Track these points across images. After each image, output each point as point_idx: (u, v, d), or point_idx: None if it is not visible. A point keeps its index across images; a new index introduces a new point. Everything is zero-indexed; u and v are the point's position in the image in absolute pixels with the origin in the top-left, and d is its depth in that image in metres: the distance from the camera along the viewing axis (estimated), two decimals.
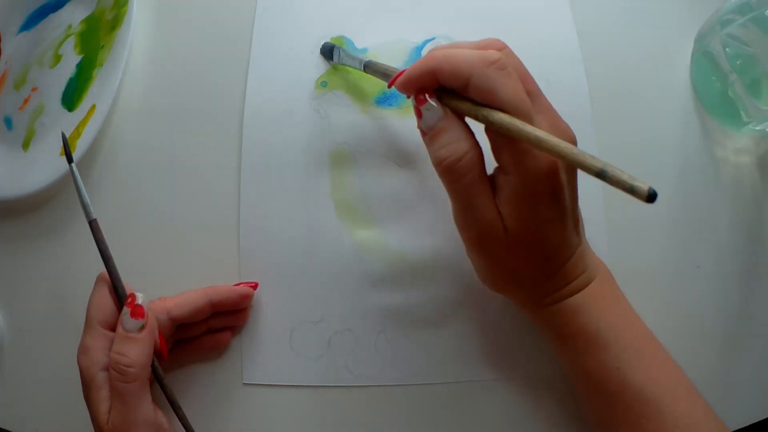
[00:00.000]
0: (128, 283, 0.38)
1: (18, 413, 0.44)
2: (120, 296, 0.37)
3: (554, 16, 0.46)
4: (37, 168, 0.46)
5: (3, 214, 0.47)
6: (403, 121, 0.43)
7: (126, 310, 0.35)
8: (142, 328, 0.35)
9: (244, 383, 0.41)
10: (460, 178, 0.31)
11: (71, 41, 0.49)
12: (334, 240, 0.42)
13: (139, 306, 0.36)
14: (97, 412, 0.34)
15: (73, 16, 0.50)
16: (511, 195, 0.31)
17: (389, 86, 0.35)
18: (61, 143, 0.44)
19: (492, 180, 0.32)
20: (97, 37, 0.48)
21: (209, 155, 0.44)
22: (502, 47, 0.33)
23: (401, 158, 0.43)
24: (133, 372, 0.34)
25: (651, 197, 0.25)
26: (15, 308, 0.45)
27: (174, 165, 0.44)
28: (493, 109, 0.30)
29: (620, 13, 0.47)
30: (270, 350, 0.41)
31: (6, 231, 0.47)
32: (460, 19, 0.46)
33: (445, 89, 0.32)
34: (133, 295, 0.36)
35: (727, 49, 0.41)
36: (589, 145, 0.40)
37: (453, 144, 0.31)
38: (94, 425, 0.35)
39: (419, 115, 0.32)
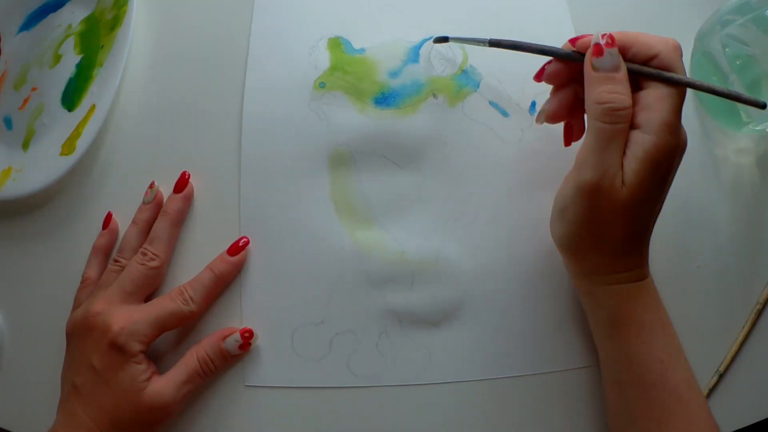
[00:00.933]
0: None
1: (18, 413, 0.44)
2: None
3: (552, 16, 0.46)
4: (37, 168, 0.46)
5: (3, 214, 0.47)
6: (402, 121, 0.43)
7: (237, 336, 0.40)
8: (238, 356, 0.41)
9: (246, 385, 0.41)
10: (615, 122, 0.33)
11: (71, 41, 0.49)
12: (334, 241, 0.42)
13: (249, 344, 0.40)
14: (135, 381, 0.37)
15: (72, 16, 0.50)
16: (641, 153, 0.32)
17: (573, 42, 0.36)
18: (61, 143, 0.44)
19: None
20: (97, 37, 0.48)
21: (209, 156, 0.44)
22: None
23: (401, 158, 0.43)
24: (212, 375, 0.40)
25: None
26: (15, 308, 0.45)
27: (174, 165, 0.44)
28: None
29: (620, 13, 0.47)
30: (272, 352, 0.41)
31: (6, 231, 0.47)
32: (458, 19, 0.46)
33: None
34: (251, 332, 0.40)
35: (726, 50, 0.41)
36: None
37: (621, 95, 0.33)
38: (124, 389, 0.37)
39: (600, 53, 0.33)
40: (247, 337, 0.40)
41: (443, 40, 0.43)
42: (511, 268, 0.41)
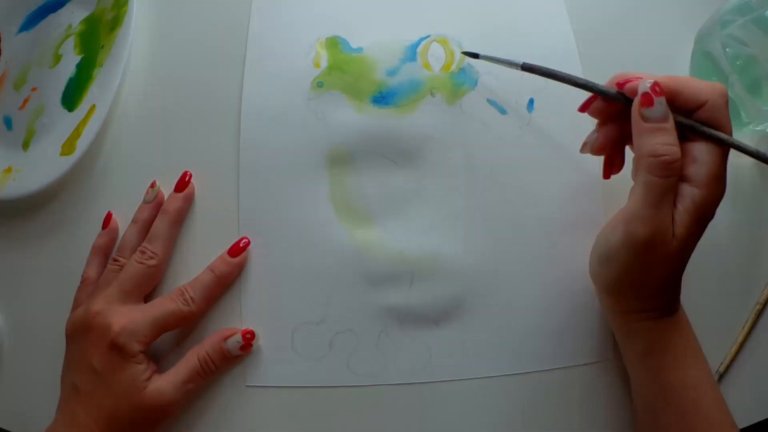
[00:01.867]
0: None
1: (18, 413, 0.44)
2: None
3: (550, 15, 0.46)
4: (37, 168, 0.46)
5: (3, 214, 0.47)
6: (400, 119, 0.43)
7: (239, 337, 0.40)
8: (239, 356, 0.41)
9: (246, 385, 0.41)
10: (668, 176, 0.32)
11: (71, 41, 0.49)
12: (333, 240, 0.42)
13: (251, 345, 0.40)
14: (135, 381, 0.37)
15: (73, 17, 0.50)
16: (691, 207, 0.33)
17: (620, 86, 0.35)
18: (61, 143, 0.44)
19: None
20: (97, 37, 0.48)
21: (208, 156, 0.44)
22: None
23: (399, 157, 0.43)
24: (213, 376, 0.40)
25: None
26: (15, 308, 0.45)
27: (173, 165, 0.44)
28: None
29: (619, 13, 0.47)
30: (272, 352, 0.41)
31: (6, 231, 0.47)
32: (455, 18, 0.46)
33: None
34: (253, 333, 0.41)
35: (727, 50, 0.41)
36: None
37: (673, 146, 0.33)
38: (123, 390, 0.37)
39: (650, 103, 0.33)
40: (249, 338, 0.40)
41: (473, 55, 0.43)
42: (510, 265, 0.41)
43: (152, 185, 0.44)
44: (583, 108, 0.38)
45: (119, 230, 0.44)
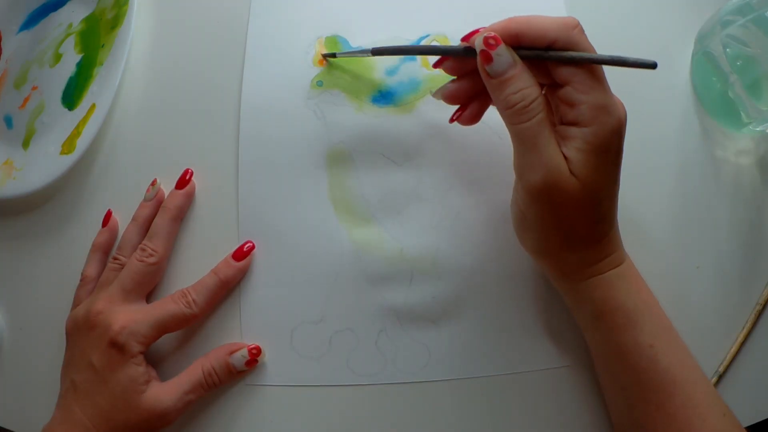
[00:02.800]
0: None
1: (18, 413, 0.44)
2: None
3: (550, 14, 0.46)
4: (37, 167, 0.46)
5: (3, 213, 0.47)
6: (399, 119, 0.43)
7: (245, 352, 0.40)
8: (243, 372, 0.41)
9: (246, 384, 0.41)
10: (530, 118, 0.32)
11: (71, 40, 0.49)
12: (333, 239, 0.42)
13: (257, 361, 0.40)
14: (134, 383, 0.37)
15: (73, 15, 0.50)
16: (583, 145, 0.32)
17: (466, 39, 0.35)
18: (62, 142, 0.44)
19: (557, 133, 0.33)
20: (98, 36, 0.48)
21: (208, 156, 0.44)
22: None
23: (399, 156, 0.43)
24: (215, 389, 0.40)
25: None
26: (15, 308, 0.45)
27: (173, 164, 0.44)
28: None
29: (619, 13, 0.47)
30: (271, 351, 0.41)
31: (6, 231, 0.47)
32: (455, 17, 0.46)
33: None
34: (259, 349, 0.40)
35: (727, 50, 0.41)
36: None
37: (525, 89, 0.32)
38: (121, 390, 0.37)
39: (488, 59, 0.33)
40: (255, 353, 0.40)
41: (331, 56, 0.44)
42: (509, 264, 0.41)
43: (153, 183, 0.44)
44: (437, 64, 0.37)
45: (119, 228, 0.44)
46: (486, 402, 0.40)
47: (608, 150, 0.32)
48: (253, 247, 0.42)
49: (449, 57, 0.36)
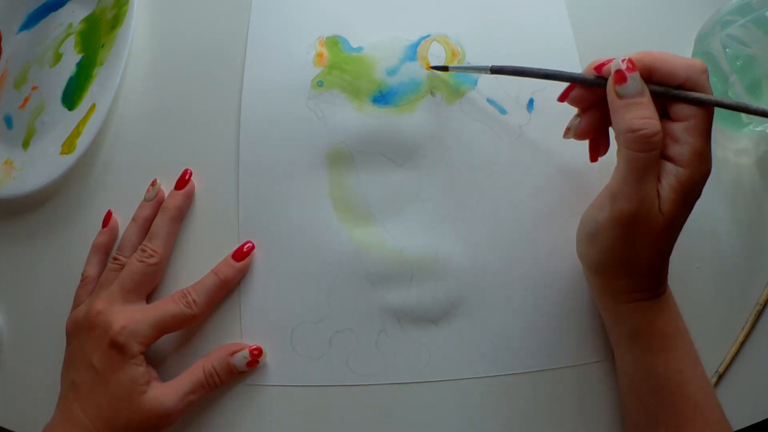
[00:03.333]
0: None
1: (18, 413, 0.43)
2: None
3: (550, 15, 0.46)
4: (37, 167, 0.46)
5: (3, 213, 0.47)
6: (400, 119, 0.43)
7: (246, 353, 0.40)
8: (245, 372, 0.41)
9: (246, 384, 0.41)
10: (649, 150, 0.32)
11: (72, 40, 0.49)
12: (333, 240, 0.42)
13: (258, 362, 0.40)
14: (134, 383, 0.37)
15: (73, 15, 0.50)
16: (676, 184, 0.33)
17: (598, 69, 0.35)
18: (62, 142, 0.44)
19: None
20: (98, 36, 0.48)
21: (208, 155, 0.44)
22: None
23: (399, 156, 0.43)
24: (216, 389, 0.40)
25: None
26: (15, 308, 0.45)
27: (173, 164, 0.44)
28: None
29: (620, 13, 0.47)
30: (271, 351, 0.41)
31: (6, 231, 0.47)
32: (455, 17, 0.46)
33: None
34: (260, 350, 0.40)
35: (727, 50, 0.41)
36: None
37: (651, 119, 0.32)
38: (122, 391, 0.37)
39: (622, 80, 0.33)
40: (256, 354, 0.40)
41: (443, 69, 0.43)
42: (509, 265, 0.41)
43: (153, 183, 0.44)
44: (563, 97, 0.37)
45: (119, 229, 0.44)
46: (486, 402, 0.40)
47: (693, 194, 0.33)
48: (252, 248, 0.42)
49: (576, 85, 0.37)
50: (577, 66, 0.44)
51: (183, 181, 0.43)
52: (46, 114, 0.48)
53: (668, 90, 0.33)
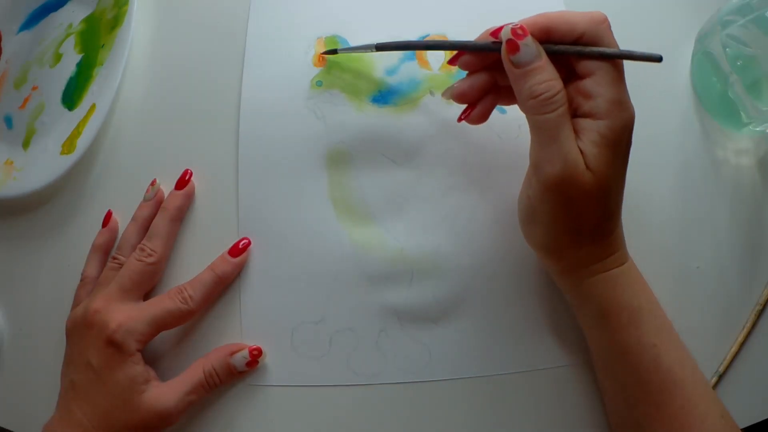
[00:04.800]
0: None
1: (18, 413, 0.43)
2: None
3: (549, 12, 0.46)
4: (37, 167, 0.46)
5: (3, 213, 0.47)
6: (399, 118, 0.43)
7: (246, 353, 0.40)
8: (244, 372, 0.41)
9: (246, 384, 0.41)
10: (554, 110, 0.32)
11: (71, 40, 0.49)
12: (333, 239, 0.42)
13: (257, 362, 0.40)
14: (132, 383, 0.37)
15: (73, 16, 0.50)
16: (597, 138, 0.32)
17: (494, 34, 0.35)
18: (62, 142, 0.44)
19: (573, 126, 0.34)
20: (98, 36, 0.48)
21: (208, 156, 0.44)
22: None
23: (398, 156, 0.43)
24: (216, 389, 0.40)
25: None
26: (15, 308, 0.45)
27: (173, 164, 0.44)
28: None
29: (619, 12, 0.47)
30: (272, 351, 0.41)
31: (6, 231, 0.47)
32: (455, 17, 0.46)
33: None
34: (260, 350, 0.40)
35: (727, 50, 0.41)
36: None
37: (549, 81, 0.32)
38: (120, 390, 0.37)
39: (515, 49, 0.33)
40: (256, 354, 0.40)
41: (332, 52, 0.43)
42: (509, 264, 0.41)
43: (152, 183, 0.44)
44: (452, 61, 0.37)
45: (119, 229, 0.44)
46: (487, 402, 0.40)
47: (620, 144, 0.33)
48: (249, 244, 0.42)
49: (466, 52, 0.36)
50: None
51: (183, 182, 0.43)
52: (46, 114, 0.48)
53: (564, 47, 0.33)
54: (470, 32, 0.44)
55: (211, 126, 0.45)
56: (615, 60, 0.33)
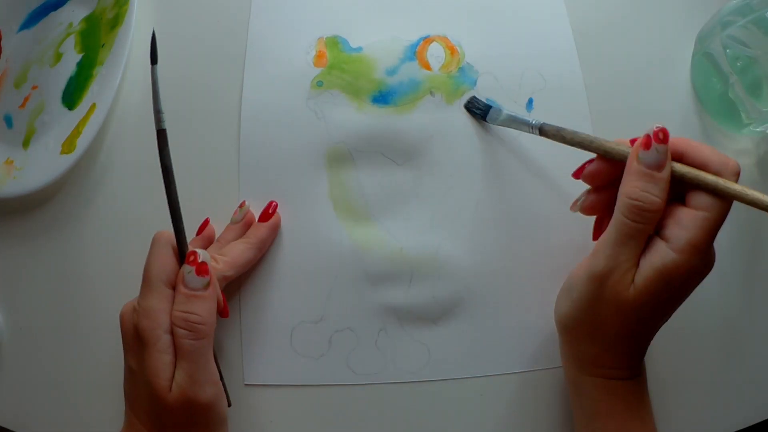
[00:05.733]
0: (128, 284, 0.38)
1: (18, 413, 0.43)
2: (182, 253, 0.37)
3: (550, 16, 0.47)
4: (37, 166, 0.46)
5: (3, 212, 0.47)
6: (399, 118, 0.43)
7: (189, 268, 0.35)
8: (207, 285, 0.35)
9: (245, 384, 0.41)
10: (638, 221, 0.32)
11: (72, 40, 0.49)
12: (333, 239, 0.42)
13: (203, 263, 0.35)
14: (158, 378, 0.33)
15: (73, 15, 0.50)
16: (659, 265, 0.32)
17: (633, 142, 0.34)
18: (62, 142, 0.44)
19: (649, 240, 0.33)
20: (98, 35, 0.48)
21: (208, 155, 0.44)
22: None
23: (398, 156, 0.43)
24: (204, 329, 0.34)
25: None
26: (15, 308, 0.45)
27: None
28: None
29: (620, 14, 0.47)
30: (271, 350, 0.41)
31: (6, 230, 0.46)
32: (455, 18, 0.46)
33: None
34: (195, 253, 0.36)
35: (727, 51, 0.41)
36: None
37: (653, 196, 0.32)
38: (148, 393, 0.34)
39: (647, 146, 0.32)
40: (193, 260, 0.35)
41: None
42: (509, 264, 0.42)
43: (241, 206, 0.42)
44: (577, 174, 0.37)
45: (214, 235, 0.43)
46: (486, 402, 0.40)
47: (673, 283, 0.32)
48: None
49: (591, 162, 0.36)
50: (576, 67, 0.45)
51: (267, 215, 0.42)
52: (47, 113, 0.47)
53: (689, 170, 0.32)
54: (470, 34, 0.45)
55: (211, 125, 0.45)
56: (725, 208, 0.32)
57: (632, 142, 0.34)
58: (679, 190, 0.33)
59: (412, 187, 0.43)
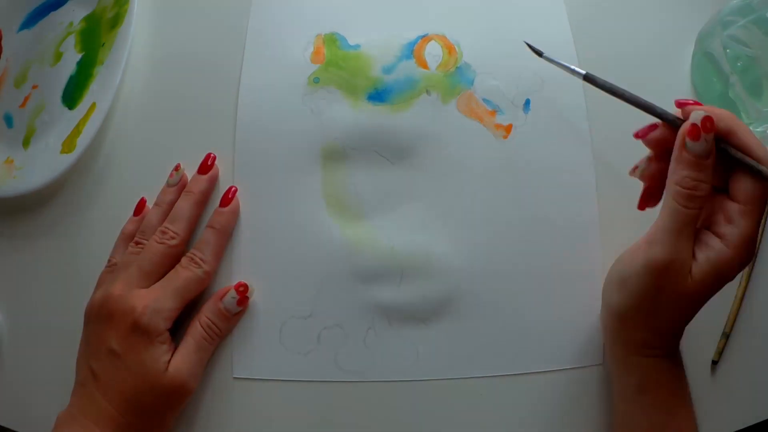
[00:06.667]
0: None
1: (18, 413, 0.44)
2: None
3: (549, 15, 0.46)
4: (37, 166, 0.46)
5: (3, 212, 0.47)
6: (394, 117, 0.43)
7: (235, 294, 0.40)
8: (239, 313, 0.41)
9: (234, 377, 0.41)
10: (692, 208, 0.32)
11: (72, 39, 0.49)
12: (324, 235, 0.42)
13: (247, 298, 0.41)
14: (156, 362, 0.37)
15: (73, 14, 0.50)
16: (715, 260, 0.33)
17: (681, 105, 0.34)
18: (62, 141, 0.44)
19: (700, 234, 0.34)
20: (98, 35, 0.48)
21: (206, 151, 0.44)
22: None
23: (393, 154, 0.43)
24: (220, 338, 0.41)
25: None
26: (15, 308, 0.45)
27: (173, 162, 0.44)
28: None
29: (620, 13, 0.47)
30: (260, 345, 0.41)
31: (6, 229, 0.47)
32: (454, 16, 0.46)
33: None
34: (246, 286, 0.41)
35: (727, 51, 0.41)
36: (585, 146, 0.40)
37: (704, 184, 0.32)
38: (135, 373, 0.37)
39: (696, 137, 0.32)
40: (243, 290, 0.40)
41: (537, 53, 0.39)
42: (500, 266, 0.41)
43: (176, 168, 0.44)
44: (640, 135, 0.36)
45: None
46: (473, 403, 0.40)
47: (729, 275, 0.33)
48: (236, 191, 0.43)
49: (657, 126, 0.35)
50: (574, 65, 0.44)
51: (206, 166, 0.43)
52: (47, 113, 0.48)
53: (741, 156, 0.32)
54: (468, 32, 0.44)
55: (209, 122, 0.45)
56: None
57: (678, 104, 0.35)
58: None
59: (405, 186, 0.43)
